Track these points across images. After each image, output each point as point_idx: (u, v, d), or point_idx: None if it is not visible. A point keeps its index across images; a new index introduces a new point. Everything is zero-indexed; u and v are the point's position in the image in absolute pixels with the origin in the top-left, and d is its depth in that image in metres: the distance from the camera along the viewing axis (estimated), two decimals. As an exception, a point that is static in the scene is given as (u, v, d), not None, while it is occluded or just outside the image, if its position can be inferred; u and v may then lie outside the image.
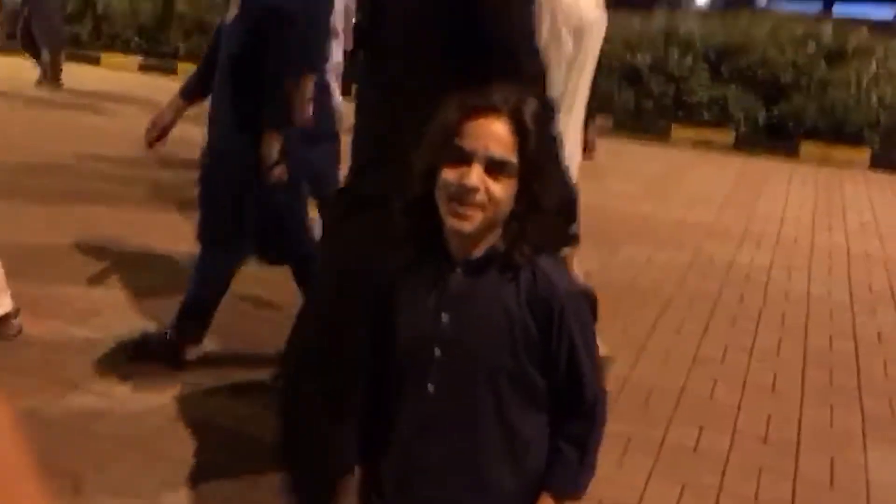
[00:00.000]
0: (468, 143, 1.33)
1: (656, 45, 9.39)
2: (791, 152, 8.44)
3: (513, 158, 1.34)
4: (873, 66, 8.82)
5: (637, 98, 9.08)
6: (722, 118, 8.82)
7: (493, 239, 1.38)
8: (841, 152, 8.30)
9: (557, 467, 1.41)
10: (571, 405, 1.42)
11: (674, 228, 5.79)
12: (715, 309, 4.39)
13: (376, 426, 1.52)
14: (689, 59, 9.15)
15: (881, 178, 7.83)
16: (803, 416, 3.34)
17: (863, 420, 3.35)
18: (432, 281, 1.41)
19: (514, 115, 1.35)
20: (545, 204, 1.36)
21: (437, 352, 1.38)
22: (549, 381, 1.39)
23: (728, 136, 8.76)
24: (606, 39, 3.27)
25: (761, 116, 8.77)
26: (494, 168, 1.33)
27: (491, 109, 1.35)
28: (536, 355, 1.37)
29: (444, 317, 1.38)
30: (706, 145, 8.70)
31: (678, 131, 8.88)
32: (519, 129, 1.34)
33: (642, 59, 9.18)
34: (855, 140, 8.35)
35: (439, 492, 1.41)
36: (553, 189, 1.38)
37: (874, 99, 8.45)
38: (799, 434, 3.21)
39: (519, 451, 1.40)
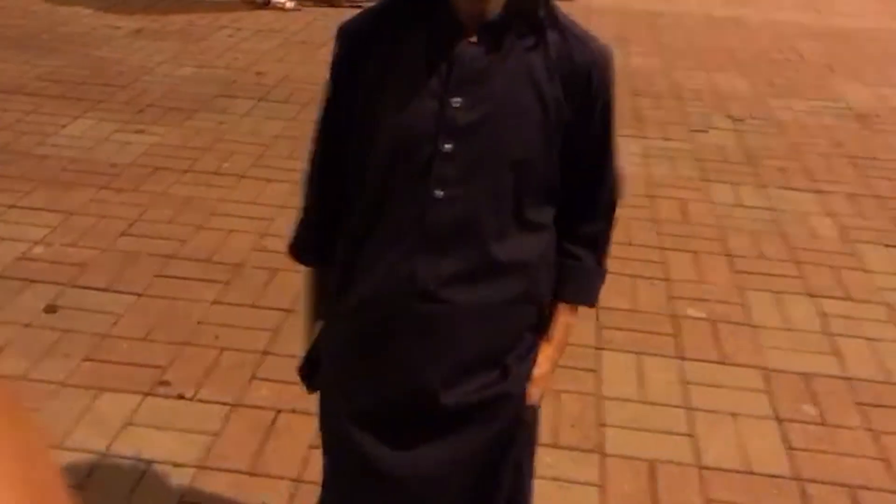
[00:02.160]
0: None
1: None
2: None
3: None
4: None
5: None
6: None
7: None
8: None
9: (573, 275, 1.18)
10: (587, 201, 1.18)
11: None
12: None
13: (333, 237, 1.21)
14: None
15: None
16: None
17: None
18: (433, 56, 1.05)
19: None
20: None
21: (447, 146, 1.05)
22: (568, 170, 1.12)
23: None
24: None
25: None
26: None
27: None
28: (562, 139, 1.10)
29: (455, 101, 1.04)
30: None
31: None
32: None
33: None
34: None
35: (453, 305, 1.12)
36: None
37: None
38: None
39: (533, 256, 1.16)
